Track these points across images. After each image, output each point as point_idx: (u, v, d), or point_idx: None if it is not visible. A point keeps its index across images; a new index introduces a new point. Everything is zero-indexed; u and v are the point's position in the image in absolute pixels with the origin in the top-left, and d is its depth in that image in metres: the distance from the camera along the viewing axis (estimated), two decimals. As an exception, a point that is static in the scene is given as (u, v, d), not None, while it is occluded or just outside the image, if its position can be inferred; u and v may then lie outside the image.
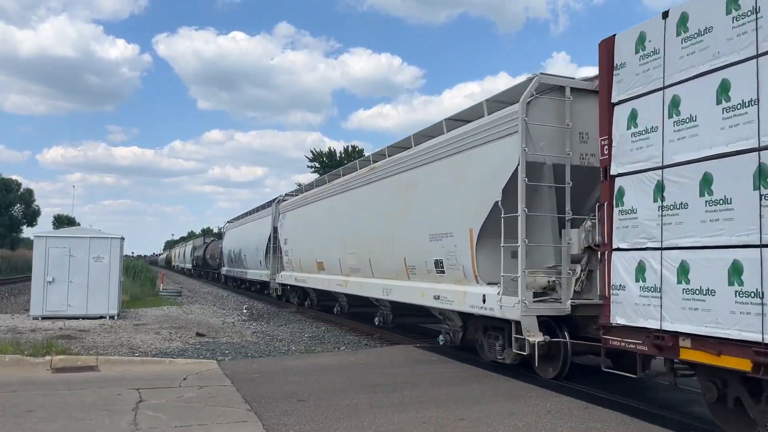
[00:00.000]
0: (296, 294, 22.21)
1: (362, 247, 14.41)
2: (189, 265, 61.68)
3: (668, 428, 6.54)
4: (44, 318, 15.86)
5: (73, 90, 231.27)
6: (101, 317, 16.24)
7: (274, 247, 23.48)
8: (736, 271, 5.47)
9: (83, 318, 15.97)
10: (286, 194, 23.50)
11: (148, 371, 9.64)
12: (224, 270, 37.83)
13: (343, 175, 16.57)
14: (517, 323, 8.63)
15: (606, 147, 7.25)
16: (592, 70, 8.47)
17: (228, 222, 37.97)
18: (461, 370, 9.98)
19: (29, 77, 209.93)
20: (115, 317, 16.44)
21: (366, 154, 35.67)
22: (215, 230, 65.33)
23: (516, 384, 8.83)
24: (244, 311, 21.00)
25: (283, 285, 22.74)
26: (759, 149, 5.34)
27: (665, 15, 6.47)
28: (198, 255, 53.78)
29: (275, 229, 23.30)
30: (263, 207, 27.19)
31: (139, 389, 8.23)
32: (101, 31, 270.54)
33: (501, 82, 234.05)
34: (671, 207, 6.22)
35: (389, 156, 13.55)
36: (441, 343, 11.62)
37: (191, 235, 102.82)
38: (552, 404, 7.52)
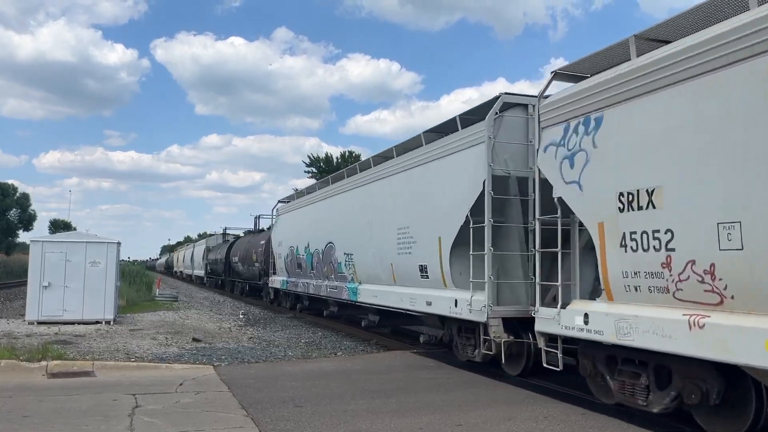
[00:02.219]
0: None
1: None
2: (200, 272, 47.32)
3: (665, 434, 6.55)
4: (40, 323, 15.78)
5: (71, 94, 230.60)
6: (97, 322, 16.17)
7: (520, 229, 9.19)
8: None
9: (79, 323, 15.91)
10: (570, 59, 8.88)
11: (145, 376, 9.62)
12: (277, 280, 22.71)
13: None
14: None
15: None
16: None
17: (282, 201, 23.29)
18: (458, 376, 9.98)
19: (27, 82, 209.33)
20: (112, 322, 16.38)
21: (363, 158, 27.40)
22: (213, 234, 58.27)
23: (513, 389, 8.83)
24: (241, 316, 20.95)
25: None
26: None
27: None
28: (216, 258, 39.04)
29: (520, 182, 9.13)
30: (416, 144, 11.62)
31: (135, 394, 8.21)
32: (100, 36, 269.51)
33: (500, 87, 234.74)
34: None
35: None
36: None
37: (188, 240, 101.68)
38: (549, 410, 7.53)
